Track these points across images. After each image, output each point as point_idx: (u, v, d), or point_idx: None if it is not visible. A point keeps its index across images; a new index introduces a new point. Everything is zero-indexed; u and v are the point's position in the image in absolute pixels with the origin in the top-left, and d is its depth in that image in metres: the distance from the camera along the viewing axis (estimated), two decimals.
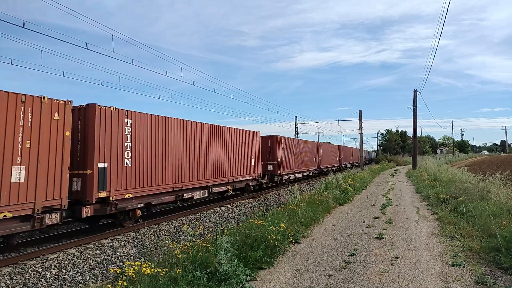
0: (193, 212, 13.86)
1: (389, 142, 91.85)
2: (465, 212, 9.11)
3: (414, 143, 38.94)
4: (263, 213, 9.87)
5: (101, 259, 8.38)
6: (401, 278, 5.22)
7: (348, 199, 14.47)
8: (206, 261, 5.24)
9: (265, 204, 16.23)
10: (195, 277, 4.86)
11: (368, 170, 34.49)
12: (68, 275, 7.36)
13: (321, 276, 5.47)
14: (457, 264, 5.71)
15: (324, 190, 14.79)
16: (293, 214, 9.32)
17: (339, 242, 7.61)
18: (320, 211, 10.72)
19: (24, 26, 10.40)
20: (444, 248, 6.77)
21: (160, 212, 14.13)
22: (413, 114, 37.09)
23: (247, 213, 14.18)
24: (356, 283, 5.07)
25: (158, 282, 4.72)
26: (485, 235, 7.00)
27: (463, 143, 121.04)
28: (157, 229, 11.01)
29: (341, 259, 6.32)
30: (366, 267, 5.77)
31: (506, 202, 9.25)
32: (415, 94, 36.86)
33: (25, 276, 6.97)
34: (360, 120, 42.01)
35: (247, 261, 5.78)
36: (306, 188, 23.15)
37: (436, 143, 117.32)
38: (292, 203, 11.36)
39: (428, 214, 10.72)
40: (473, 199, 10.46)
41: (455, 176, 19.25)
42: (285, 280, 5.36)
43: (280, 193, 20.23)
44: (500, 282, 4.94)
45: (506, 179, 12.47)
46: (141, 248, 9.37)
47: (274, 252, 6.49)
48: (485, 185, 11.69)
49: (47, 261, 7.67)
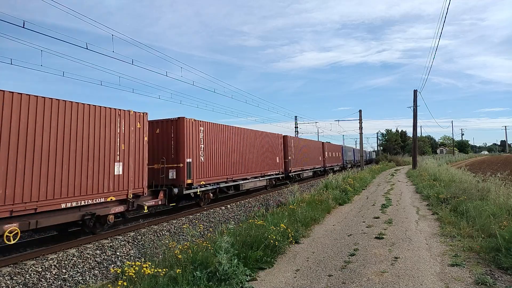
0: (193, 212, 13.92)
1: (389, 142, 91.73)
2: (465, 212, 9.10)
3: (414, 143, 38.92)
4: (263, 213, 9.87)
5: (101, 259, 8.38)
6: (401, 278, 5.22)
7: (348, 199, 14.46)
8: (206, 261, 5.23)
9: (265, 204, 16.23)
10: (195, 277, 4.86)
11: (368, 170, 34.47)
12: (68, 275, 7.37)
13: (321, 276, 5.47)
14: (457, 264, 5.70)
15: (324, 190, 14.78)
16: (293, 214, 9.31)
17: (339, 242, 7.61)
18: (320, 211, 10.72)
19: (24, 26, 10.40)
20: (444, 248, 6.77)
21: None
22: (413, 114, 37.11)
23: (247, 213, 14.17)
24: (356, 283, 5.07)
25: (158, 282, 4.72)
26: (485, 235, 6.99)
27: (463, 143, 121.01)
28: (157, 229, 11.02)
29: (341, 259, 6.32)
30: (366, 267, 5.77)
31: (506, 202, 9.23)
32: (415, 94, 36.85)
33: (25, 276, 6.98)
34: (360, 120, 42.01)
35: (247, 261, 5.78)
36: (306, 188, 23.15)
37: (436, 143, 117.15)
38: (292, 203, 11.35)
39: (428, 214, 10.72)
40: (473, 199, 10.45)
41: (455, 176, 19.23)
42: (285, 280, 5.35)
43: (280, 193, 20.24)
44: (500, 282, 4.94)
45: (506, 179, 12.46)
46: (141, 248, 9.37)
47: (274, 252, 6.48)
48: (485, 185, 11.68)
49: (47, 261, 7.68)
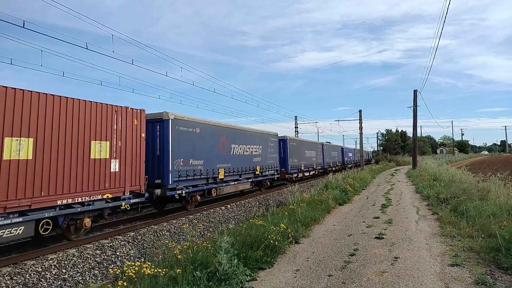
0: (193, 212, 13.89)
1: (389, 142, 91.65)
2: (465, 212, 9.10)
3: (414, 143, 38.91)
4: (263, 213, 9.87)
5: (101, 259, 8.38)
6: (401, 278, 5.21)
7: (348, 199, 14.46)
8: (206, 261, 5.23)
9: (265, 204, 16.24)
10: (195, 277, 4.86)
11: (368, 170, 34.46)
12: (68, 275, 7.36)
13: (321, 276, 5.47)
14: (457, 264, 5.70)
15: (324, 190, 14.77)
16: (293, 214, 9.30)
17: (339, 242, 7.60)
18: (320, 211, 10.71)
19: (24, 26, 10.39)
20: (444, 248, 6.77)
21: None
22: (413, 114, 37.09)
23: (247, 213, 14.17)
24: (356, 283, 5.07)
25: (158, 282, 4.71)
26: (485, 235, 6.99)
27: (463, 143, 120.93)
28: (157, 229, 11.01)
29: (341, 259, 6.32)
30: (366, 267, 5.77)
31: (506, 202, 9.23)
32: (415, 94, 36.83)
33: (25, 276, 6.97)
34: (360, 120, 42.01)
35: (247, 261, 5.77)
36: (306, 188, 23.14)
37: (436, 143, 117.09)
38: (292, 203, 11.35)
39: (428, 214, 10.71)
40: (473, 199, 10.44)
41: (455, 176, 19.22)
42: (285, 280, 5.35)
43: (280, 193, 20.24)
44: (500, 282, 4.94)
45: (506, 179, 12.45)
46: (141, 248, 9.37)
47: (274, 252, 6.48)
48: (485, 185, 11.68)
49: (47, 261, 7.67)
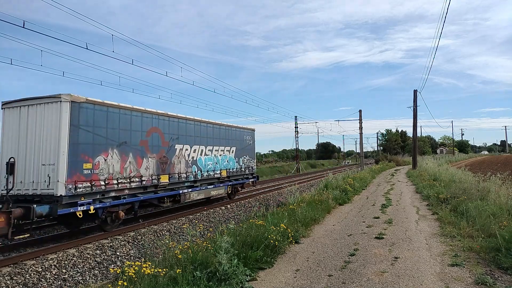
0: (193, 212, 13.90)
1: (389, 142, 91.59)
2: (465, 212, 9.10)
3: (414, 143, 38.90)
4: (263, 213, 9.86)
5: (101, 259, 8.38)
6: (401, 278, 5.21)
7: (348, 199, 14.46)
8: (206, 261, 5.23)
9: (265, 204, 16.24)
10: (195, 277, 4.86)
11: (368, 170, 34.46)
12: (68, 275, 7.36)
13: (321, 276, 5.47)
14: (457, 264, 5.70)
15: (324, 190, 14.75)
16: (293, 214, 9.31)
17: (339, 242, 7.60)
18: (320, 211, 10.71)
19: (24, 26, 10.39)
20: (444, 248, 6.77)
21: (161, 212, 14.30)
22: (413, 114, 37.06)
23: (247, 213, 14.17)
24: (356, 283, 5.07)
25: (158, 282, 4.71)
26: (485, 235, 6.99)
27: (463, 143, 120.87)
28: (157, 229, 11.02)
29: (341, 259, 6.32)
30: (366, 267, 5.77)
31: (506, 202, 9.23)
32: (415, 94, 36.82)
33: (25, 276, 6.97)
34: (360, 120, 41.95)
35: (247, 261, 5.77)
36: (306, 188, 23.16)
37: (436, 143, 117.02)
38: (292, 203, 11.35)
39: (428, 214, 10.71)
40: (473, 199, 10.44)
41: (455, 176, 19.20)
42: (285, 280, 5.35)
43: (280, 193, 20.24)
44: (500, 282, 4.94)
45: (506, 179, 12.45)
46: (141, 248, 9.37)
47: (274, 252, 6.48)
48: (485, 185, 11.67)
49: (47, 261, 7.67)
